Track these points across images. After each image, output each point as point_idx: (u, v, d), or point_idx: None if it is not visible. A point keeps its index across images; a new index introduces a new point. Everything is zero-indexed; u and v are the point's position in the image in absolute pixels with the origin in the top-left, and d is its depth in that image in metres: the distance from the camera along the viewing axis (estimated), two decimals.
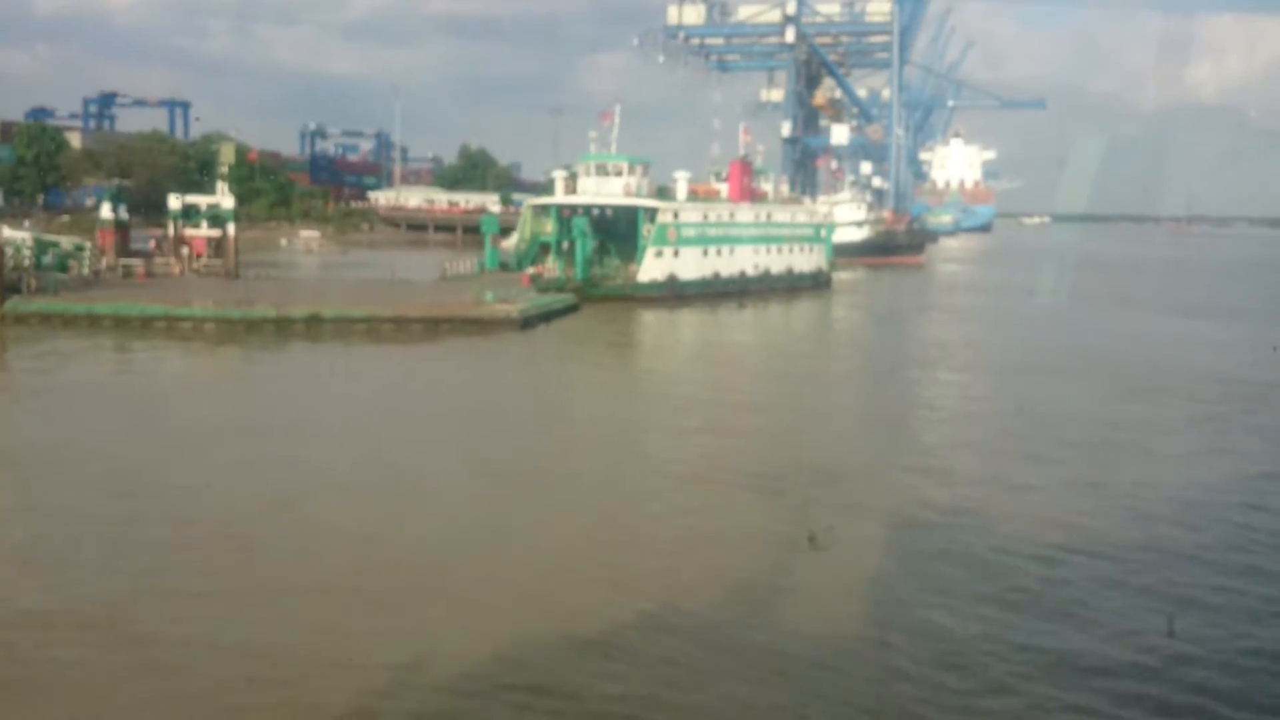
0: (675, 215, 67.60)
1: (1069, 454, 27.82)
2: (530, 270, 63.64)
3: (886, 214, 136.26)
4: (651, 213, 66.84)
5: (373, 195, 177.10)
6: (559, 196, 70.30)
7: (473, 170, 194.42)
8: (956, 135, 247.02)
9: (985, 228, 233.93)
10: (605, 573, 18.05)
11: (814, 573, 18.71)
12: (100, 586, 16.98)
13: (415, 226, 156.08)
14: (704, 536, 20.37)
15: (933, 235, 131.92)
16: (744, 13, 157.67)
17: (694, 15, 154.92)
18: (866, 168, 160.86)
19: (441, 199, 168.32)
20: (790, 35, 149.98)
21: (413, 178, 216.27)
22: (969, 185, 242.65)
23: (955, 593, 17.40)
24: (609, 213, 70.37)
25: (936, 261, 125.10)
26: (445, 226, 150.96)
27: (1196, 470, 26.70)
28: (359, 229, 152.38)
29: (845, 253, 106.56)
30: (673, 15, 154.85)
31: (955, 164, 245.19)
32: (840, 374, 43.85)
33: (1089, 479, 25.13)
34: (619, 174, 68.31)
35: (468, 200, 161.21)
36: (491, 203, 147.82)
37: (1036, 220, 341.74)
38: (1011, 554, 19.37)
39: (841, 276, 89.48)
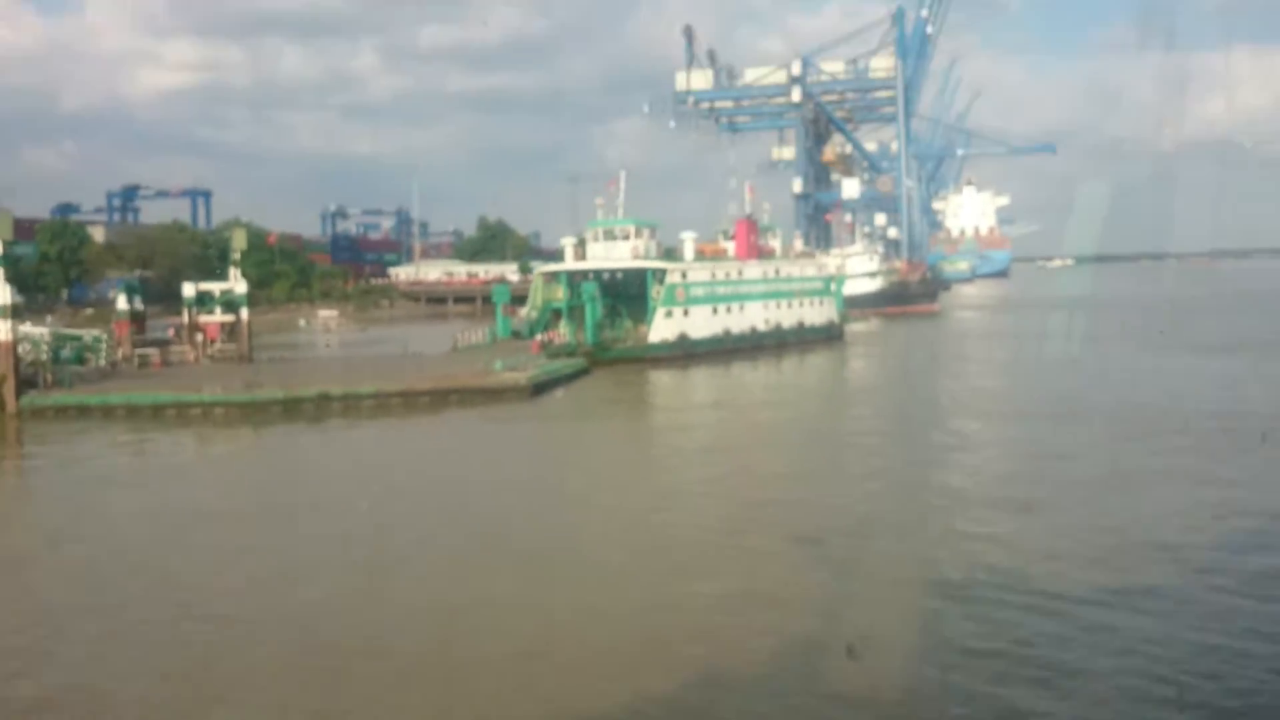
0: (683, 275, 68.07)
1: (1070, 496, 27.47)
2: (540, 337, 64.05)
3: (901, 264, 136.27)
4: (660, 274, 67.37)
5: (393, 271, 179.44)
6: (568, 263, 71.04)
7: (491, 241, 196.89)
8: (969, 183, 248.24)
9: (1002, 273, 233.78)
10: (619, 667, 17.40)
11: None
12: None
13: (435, 300, 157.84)
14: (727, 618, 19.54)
15: (946, 283, 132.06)
16: (750, 75, 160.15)
17: (702, 80, 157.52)
18: (881, 219, 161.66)
19: (460, 271, 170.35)
20: (796, 95, 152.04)
21: (433, 252, 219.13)
22: (984, 232, 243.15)
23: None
24: (619, 276, 70.95)
25: (952, 309, 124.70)
26: (464, 298, 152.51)
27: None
28: (379, 306, 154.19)
29: (859, 304, 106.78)
30: (681, 81, 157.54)
31: (969, 212, 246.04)
32: (853, 430, 43.38)
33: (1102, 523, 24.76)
34: (626, 238, 69.01)
35: (487, 271, 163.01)
36: (510, 272, 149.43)
37: (1060, 263, 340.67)
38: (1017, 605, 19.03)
39: (855, 328, 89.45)
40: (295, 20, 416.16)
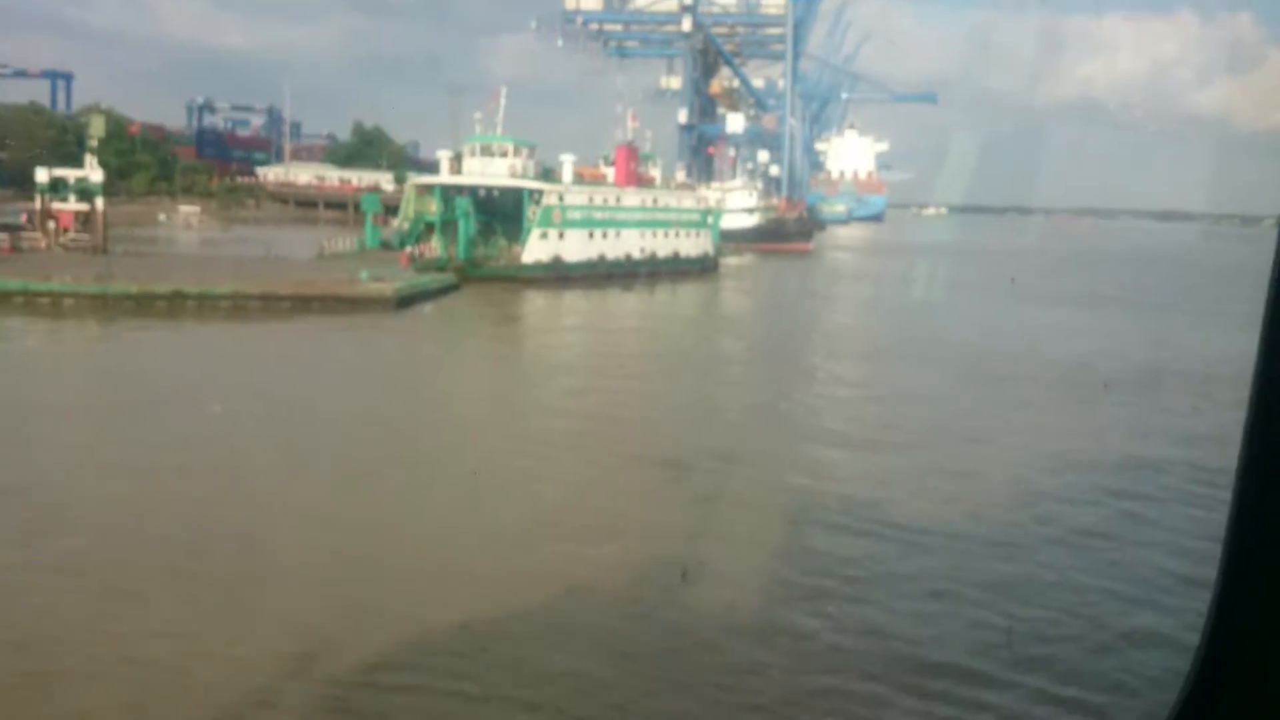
0: (560, 198, 67.73)
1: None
2: (410, 249, 63.10)
3: (780, 202, 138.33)
4: (537, 194, 66.89)
5: (261, 171, 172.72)
6: (444, 176, 69.81)
7: (367, 148, 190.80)
8: (851, 127, 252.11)
9: (878, 217, 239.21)
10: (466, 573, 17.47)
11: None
12: None
13: (304, 204, 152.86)
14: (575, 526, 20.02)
15: (821, 224, 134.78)
16: (642, 0, 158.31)
17: (592, 1, 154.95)
18: (764, 156, 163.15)
19: (333, 176, 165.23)
20: (687, 24, 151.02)
21: (305, 154, 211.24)
22: (862, 176, 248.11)
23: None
24: (495, 194, 70.13)
25: (826, 249, 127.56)
26: (336, 204, 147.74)
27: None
28: (244, 205, 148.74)
29: (736, 238, 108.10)
30: (570, 1, 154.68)
31: (850, 155, 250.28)
32: (712, 360, 44.49)
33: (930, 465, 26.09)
34: (504, 155, 68.10)
35: (360, 178, 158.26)
36: (385, 181, 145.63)
37: (934, 211, 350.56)
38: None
39: (729, 261, 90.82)
40: None
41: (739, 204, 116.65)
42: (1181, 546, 19.40)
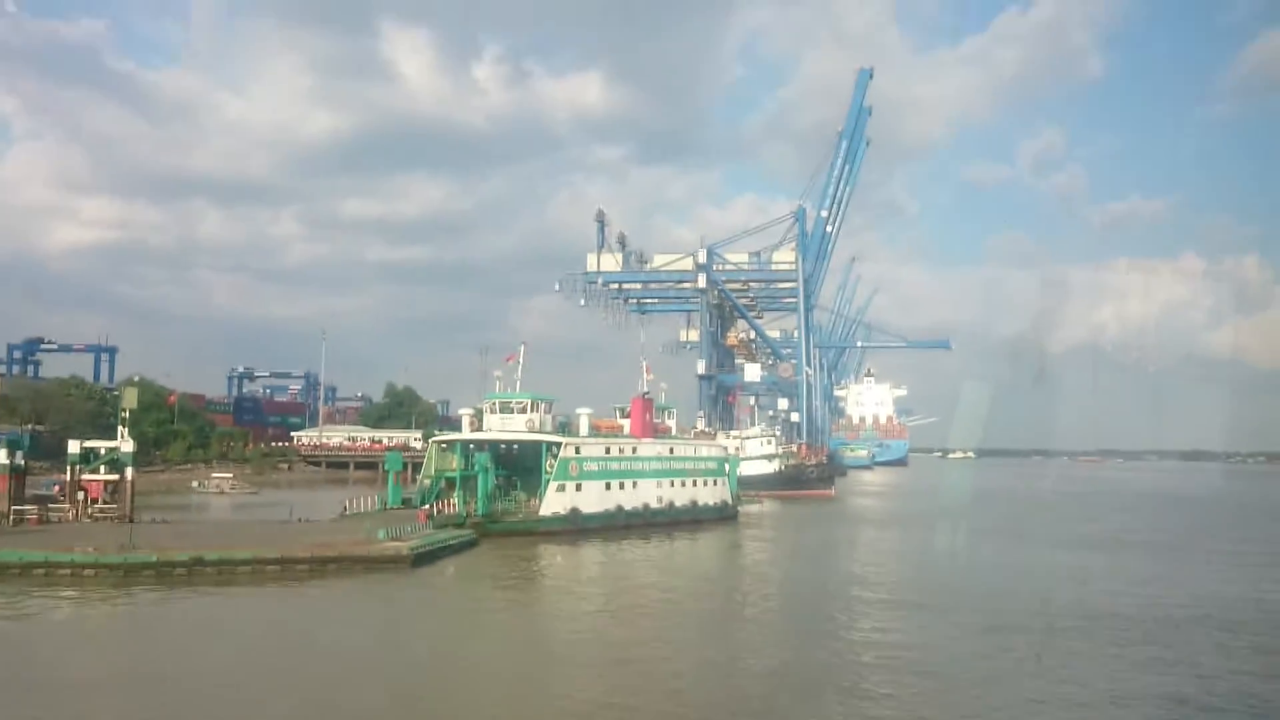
0: (577, 450, 69.35)
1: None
2: (428, 506, 64.20)
3: (801, 448, 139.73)
4: (554, 447, 68.56)
5: (296, 435, 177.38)
6: (464, 433, 71.91)
7: (398, 408, 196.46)
8: (869, 374, 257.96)
9: (901, 461, 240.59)
10: None
11: None
12: None
13: (336, 465, 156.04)
14: None
15: (842, 469, 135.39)
16: (659, 260, 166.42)
17: (611, 263, 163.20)
18: (784, 403, 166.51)
19: (364, 436, 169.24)
20: (701, 281, 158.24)
21: (340, 417, 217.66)
22: (883, 421, 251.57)
23: None
24: (515, 448, 71.94)
25: (849, 494, 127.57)
26: (366, 464, 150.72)
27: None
28: (278, 469, 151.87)
29: (757, 485, 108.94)
30: (591, 263, 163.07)
31: (869, 401, 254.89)
32: (732, 614, 44.14)
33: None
34: (523, 411, 70.37)
35: (391, 438, 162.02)
36: (414, 439, 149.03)
37: (959, 455, 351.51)
38: None
39: (750, 509, 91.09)
40: (217, 185, 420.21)
41: (758, 451, 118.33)
42: None
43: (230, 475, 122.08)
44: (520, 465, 71.64)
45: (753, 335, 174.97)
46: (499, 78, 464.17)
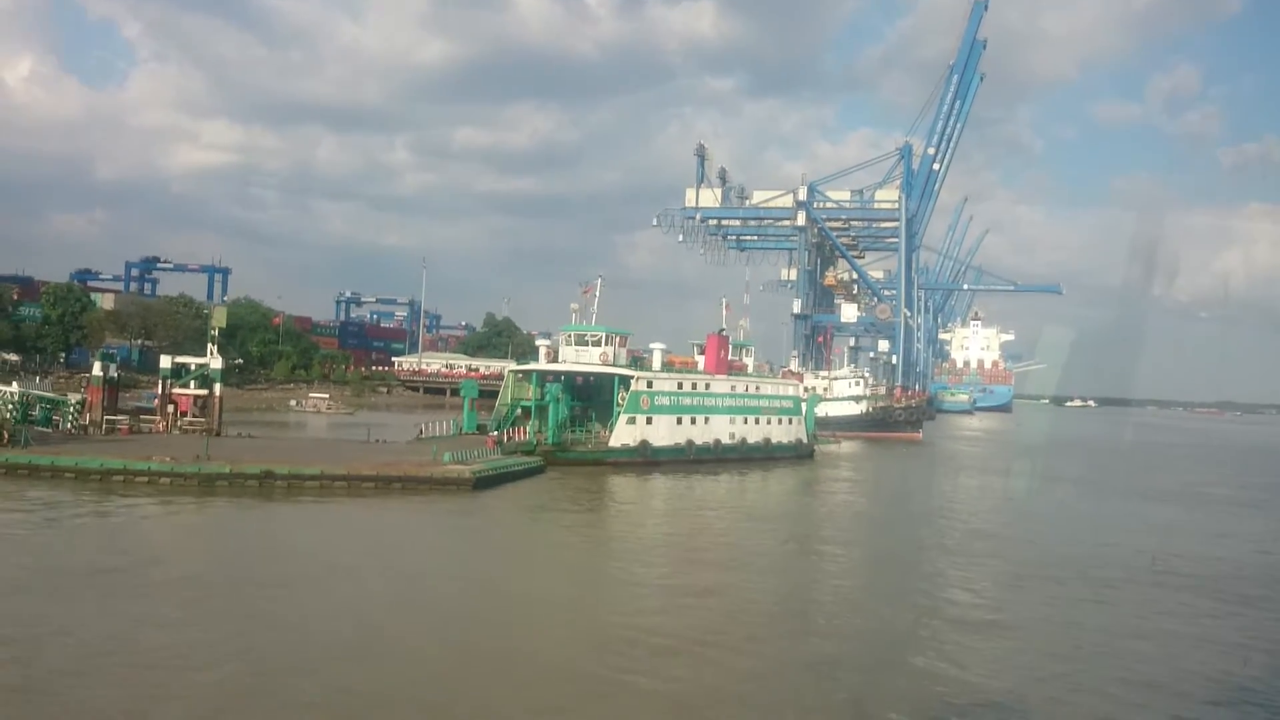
0: (649, 384, 69.51)
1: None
2: (498, 433, 65.40)
3: (896, 390, 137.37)
4: (626, 380, 68.85)
5: (397, 360, 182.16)
6: (540, 363, 72.75)
7: (496, 338, 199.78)
8: (976, 318, 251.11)
9: (1004, 408, 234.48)
10: None
11: None
12: None
13: (433, 390, 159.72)
14: None
15: (932, 412, 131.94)
16: (759, 197, 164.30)
17: (710, 198, 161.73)
18: (884, 345, 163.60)
19: (461, 364, 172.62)
20: (801, 219, 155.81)
21: (441, 344, 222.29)
22: (987, 366, 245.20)
23: None
24: (591, 380, 72.48)
25: (940, 439, 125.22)
26: None
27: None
28: (377, 392, 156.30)
29: (842, 426, 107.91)
30: (690, 198, 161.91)
31: (974, 345, 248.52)
32: (772, 548, 44.08)
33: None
34: (597, 343, 70.67)
35: (488, 366, 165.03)
36: (511, 368, 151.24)
37: (1078, 403, 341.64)
38: None
39: (828, 449, 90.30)
40: (333, 113, 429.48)
41: (845, 392, 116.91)
42: None
43: (327, 396, 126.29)
44: (596, 397, 72.22)
45: (853, 275, 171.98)
46: (611, 5, 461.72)
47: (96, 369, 63.76)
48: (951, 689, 22.86)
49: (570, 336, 71.95)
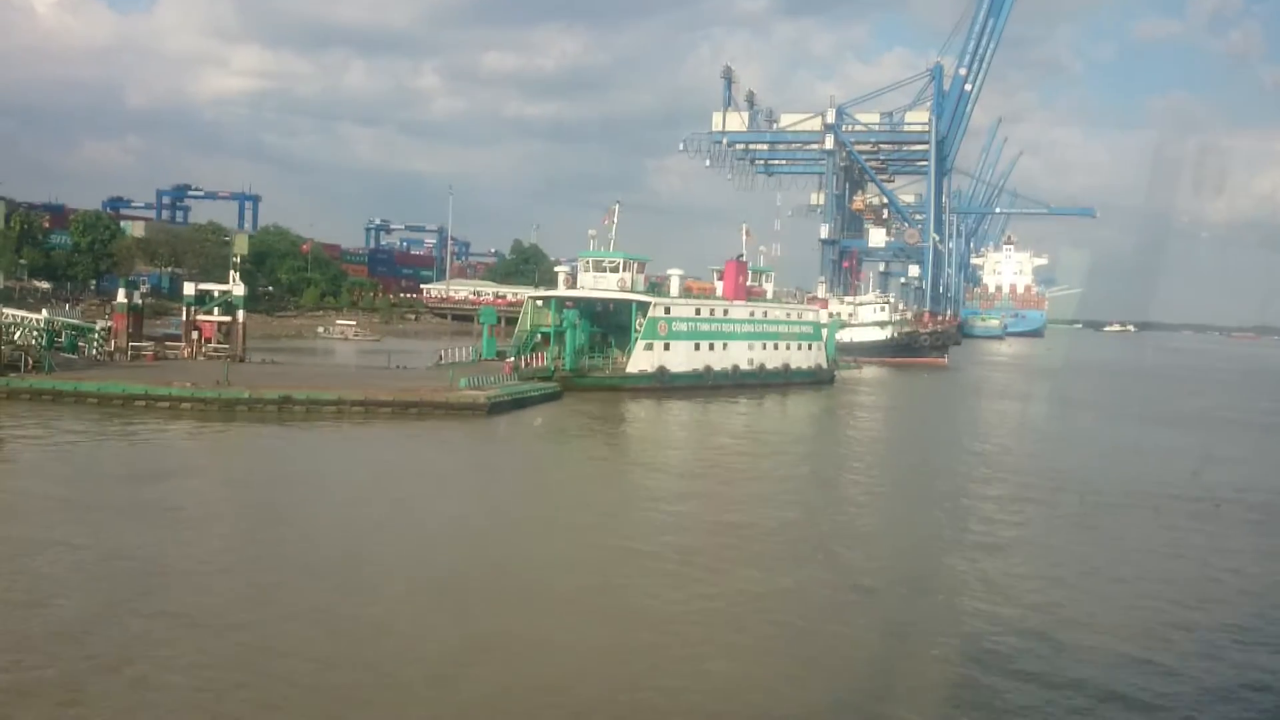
0: (666, 310, 69.58)
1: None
2: (515, 359, 65.91)
3: (924, 315, 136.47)
4: (643, 306, 68.93)
5: (425, 288, 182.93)
6: (559, 289, 72.96)
7: (524, 265, 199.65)
8: (1009, 242, 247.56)
9: (1037, 333, 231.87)
10: None
11: None
12: None
13: (460, 317, 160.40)
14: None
15: (958, 338, 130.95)
16: (786, 120, 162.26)
17: (737, 122, 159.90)
18: (914, 270, 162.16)
19: (488, 291, 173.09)
20: (829, 142, 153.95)
21: (470, 272, 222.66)
22: (1020, 290, 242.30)
23: None
24: (610, 306, 72.59)
25: (967, 364, 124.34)
26: None
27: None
28: (405, 319, 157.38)
29: (866, 351, 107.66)
30: (716, 122, 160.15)
31: (1006, 270, 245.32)
32: (787, 474, 44.44)
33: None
34: (615, 270, 70.67)
35: (515, 293, 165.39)
36: (530, 294, 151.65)
37: (1116, 328, 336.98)
38: None
39: (849, 374, 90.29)
40: (361, 36, 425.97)
41: (870, 318, 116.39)
42: None
43: (354, 322, 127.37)
44: (614, 323, 72.34)
45: (882, 200, 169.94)
46: None
47: (121, 296, 64.73)
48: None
49: (589, 263, 72.00)
